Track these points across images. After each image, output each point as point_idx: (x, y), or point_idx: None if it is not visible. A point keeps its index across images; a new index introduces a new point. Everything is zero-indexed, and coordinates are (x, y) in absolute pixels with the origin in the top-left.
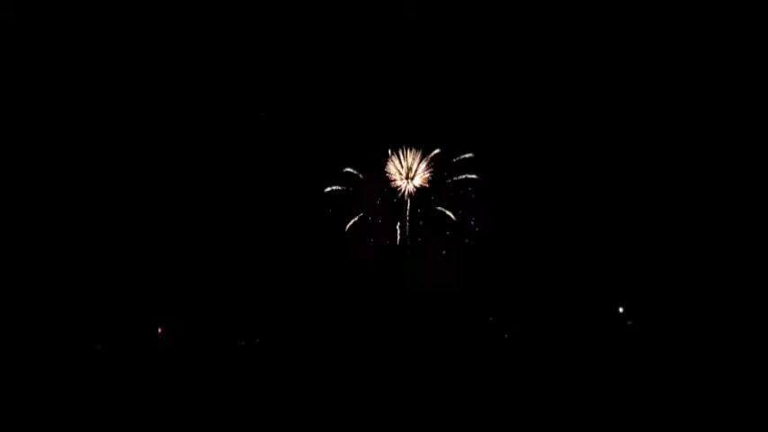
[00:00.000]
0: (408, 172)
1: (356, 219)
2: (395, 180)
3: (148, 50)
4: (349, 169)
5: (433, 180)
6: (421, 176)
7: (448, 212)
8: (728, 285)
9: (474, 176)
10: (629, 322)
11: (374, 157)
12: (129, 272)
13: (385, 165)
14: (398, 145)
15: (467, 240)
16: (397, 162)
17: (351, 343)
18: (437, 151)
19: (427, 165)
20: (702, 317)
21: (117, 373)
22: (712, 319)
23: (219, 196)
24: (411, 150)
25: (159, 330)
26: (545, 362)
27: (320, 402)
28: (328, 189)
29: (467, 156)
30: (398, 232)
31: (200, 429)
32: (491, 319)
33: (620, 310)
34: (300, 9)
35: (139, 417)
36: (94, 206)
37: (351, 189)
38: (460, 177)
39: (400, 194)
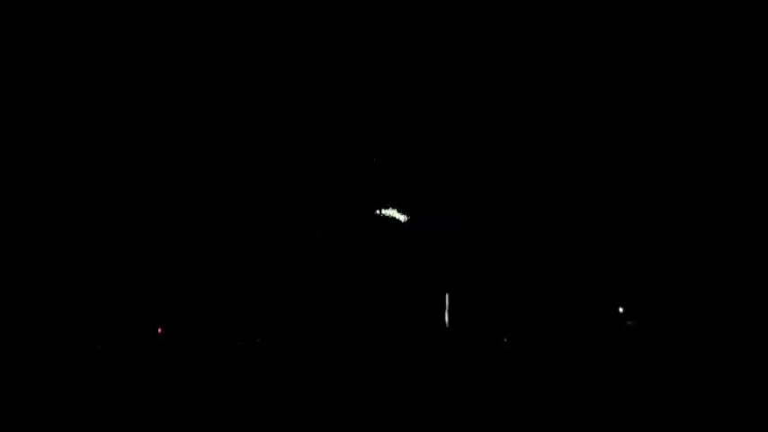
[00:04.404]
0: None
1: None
2: None
3: (153, 48)
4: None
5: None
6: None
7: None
8: (729, 285)
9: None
10: (630, 322)
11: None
12: (128, 271)
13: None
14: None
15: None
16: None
17: (351, 343)
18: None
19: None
20: (703, 317)
21: (116, 372)
22: (713, 319)
23: (223, 194)
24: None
25: (159, 330)
26: (544, 363)
27: (322, 403)
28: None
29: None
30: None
31: (201, 429)
32: (490, 321)
33: (621, 310)
34: (299, 9)
35: (139, 416)
36: (95, 205)
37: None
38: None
39: None
